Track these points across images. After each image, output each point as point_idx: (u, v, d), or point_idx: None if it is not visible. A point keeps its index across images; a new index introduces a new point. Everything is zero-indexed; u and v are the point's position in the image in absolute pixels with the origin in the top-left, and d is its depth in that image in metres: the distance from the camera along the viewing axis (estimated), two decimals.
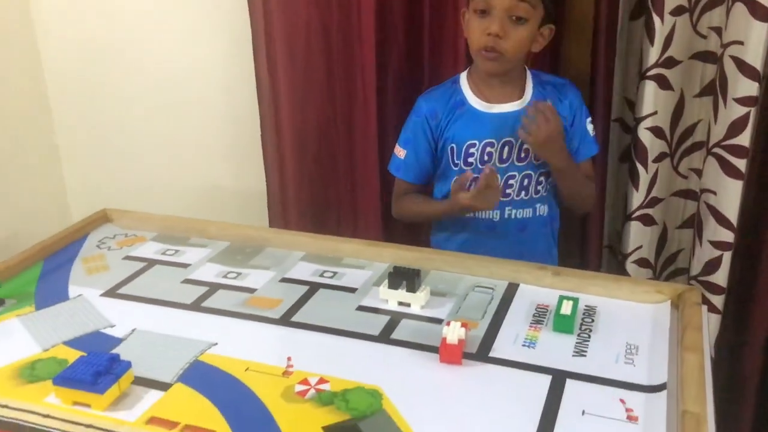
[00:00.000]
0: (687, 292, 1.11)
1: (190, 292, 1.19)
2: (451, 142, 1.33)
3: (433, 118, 1.34)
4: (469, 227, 1.37)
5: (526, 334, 1.04)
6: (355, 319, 1.10)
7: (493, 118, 1.31)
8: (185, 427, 0.86)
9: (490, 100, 1.32)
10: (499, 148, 1.31)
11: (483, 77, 1.32)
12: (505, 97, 1.32)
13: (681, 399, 0.86)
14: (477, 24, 1.24)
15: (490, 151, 1.32)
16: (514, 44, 1.24)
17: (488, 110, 1.32)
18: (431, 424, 0.85)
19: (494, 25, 1.21)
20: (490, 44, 1.23)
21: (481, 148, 1.32)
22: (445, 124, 1.33)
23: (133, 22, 1.80)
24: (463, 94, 1.33)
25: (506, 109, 1.31)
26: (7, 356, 1.01)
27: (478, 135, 1.31)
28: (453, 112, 1.33)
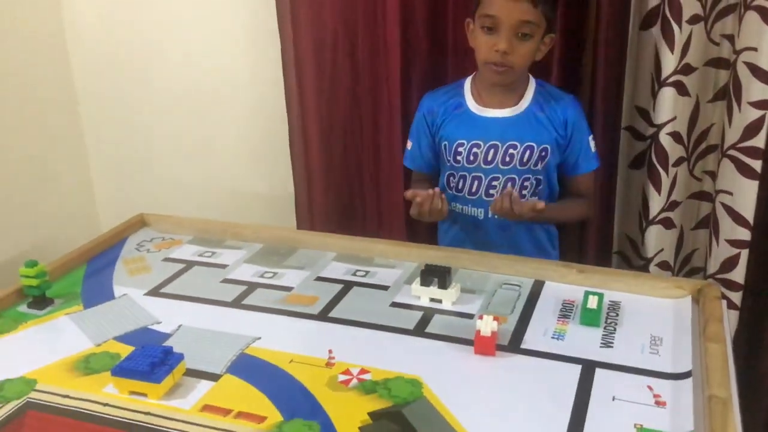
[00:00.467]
0: (706, 287, 1.16)
1: (229, 291, 1.24)
2: (444, 139, 1.41)
3: (431, 115, 1.43)
4: (459, 223, 1.45)
5: (555, 328, 1.09)
6: (390, 314, 1.15)
7: (485, 122, 1.39)
8: (238, 413, 0.91)
9: (487, 104, 1.39)
10: (485, 150, 1.38)
11: (485, 83, 1.39)
12: (502, 104, 1.38)
13: (707, 384, 0.90)
14: (485, 40, 1.30)
15: (475, 152, 1.39)
16: (521, 58, 1.30)
17: (482, 114, 1.39)
18: (471, 410, 0.90)
19: (502, 43, 1.28)
20: (499, 60, 1.29)
21: (468, 148, 1.39)
22: (441, 122, 1.41)
23: (163, 30, 1.86)
24: (463, 97, 1.41)
25: (499, 114, 1.38)
26: (62, 351, 1.07)
27: (467, 135, 1.39)
28: (450, 113, 1.41)
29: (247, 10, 1.76)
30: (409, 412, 0.91)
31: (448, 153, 1.41)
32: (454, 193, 1.43)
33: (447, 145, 1.41)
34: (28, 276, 1.19)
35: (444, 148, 1.42)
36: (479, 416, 0.89)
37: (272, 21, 1.67)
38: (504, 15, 1.26)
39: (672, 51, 1.36)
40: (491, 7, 1.27)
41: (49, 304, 1.21)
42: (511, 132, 1.37)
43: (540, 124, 1.37)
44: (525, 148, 1.37)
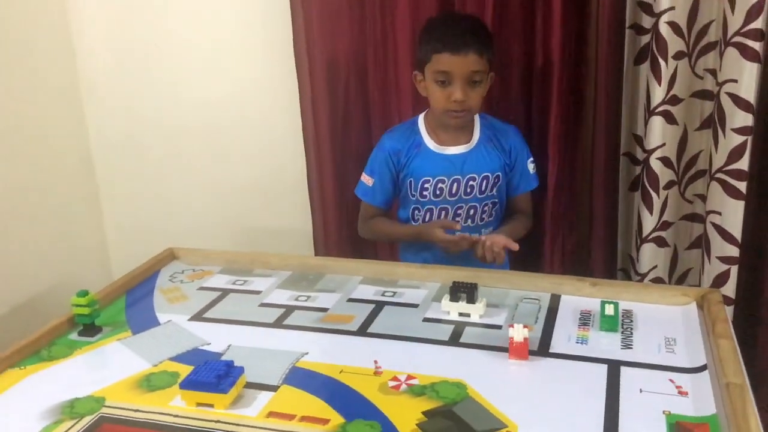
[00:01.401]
0: (709, 293, 1.28)
1: (269, 314, 1.32)
2: (410, 176, 1.55)
3: (396, 155, 1.55)
4: (430, 248, 1.56)
5: (577, 334, 1.20)
6: (424, 328, 1.24)
7: (445, 159, 1.53)
8: (302, 417, 0.99)
9: (443, 142, 1.54)
10: (449, 184, 1.52)
11: (438, 124, 1.53)
12: (456, 141, 1.54)
13: (722, 374, 1.01)
14: (439, 92, 1.45)
15: (441, 187, 1.53)
16: (475, 102, 1.47)
17: (441, 151, 1.54)
18: (514, 406, 0.99)
19: (458, 93, 1.43)
20: (458, 108, 1.45)
21: (434, 184, 1.53)
22: (405, 161, 1.55)
23: (179, 71, 1.96)
24: (420, 136, 1.55)
25: (456, 151, 1.54)
26: (122, 372, 1.13)
27: (431, 172, 1.53)
28: (412, 151, 1.54)
29: (263, 52, 1.87)
30: (459, 409, 0.99)
31: (414, 189, 1.54)
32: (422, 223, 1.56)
33: (413, 181, 1.54)
34: (79, 305, 1.26)
35: (410, 184, 1.55)
36: (523, 411, 0.98)
37: (289, 62, 1.78)
38: (456, 69, 1.42)
39: (659, 84, 1.51)
40: (443, 64, 1.42)
41: (99, 331, 1.28)
42: (469, 165, 1.53)
43: (490, 154, 1.54)
44: (482, 178, 1.53)
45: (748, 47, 1.41)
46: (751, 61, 1.41)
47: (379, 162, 1.57)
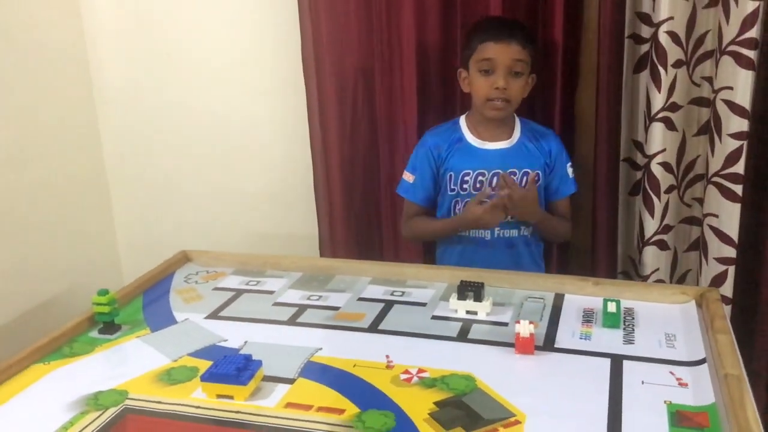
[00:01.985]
0: (708, 292, 1.33)
1: (283, 312, 1.37)
2: (450, 170, 1.59)
3: (436, 149, 1.60)
4: (464, 242, 1.61)
5: (581, 330, 1.24)
6: (432, 325, 1.29)
7: (485, 153, 1.58)
8: (319, 408, 1.03)
9: (485, 138, 1.59)
10: (490, 178, 1.57)
11: (480, 120, 1.59)
12: (497, 137, 1.59)
13: (721, 366, 1.06)
14: (482, 81, 1.52)
15: (481, 180, 1.57)
16: (516, 92, 1.52)
17: (481, 146, 1.59)
18: (522, 397, 1.03)
19: (500, 81, 1.49)
20: (499, 96, 1.50)
21: (474, 177, 1.57)
22: (446, 156, 1.59)
23: (190, 76, 2.01)
24: (461, 132, 1.61)
25: (496, 147, 1.59)
26: (142, 367, 1.18)
27: (472, 166, 1.58)
28: (453, 146, 1.59)
29: (272, 63, 1.92)
30: (469, 399, 1.04)
31: (454, 182, 1.59)
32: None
33: (453, 175, 1.59)
34: (100, 303, 1.30)
35: (449, 179, 1.59)
36: (530, 401, 1.02)
37: (297, 72, 1.83)
38: (499, 56, 1.48)
39: (659, 91, 1.56)
40: (487, 52, 1.49)
41: (118, 329, 1.33)
42: (510, 161, 1.57)
43: (531, 152, 1.59)
44: (522, 173, 1.58)
45: (742, 55, 1.46)
46: (746, 69, 1.46)
47: (420, 158, 1.62)
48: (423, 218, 1.66)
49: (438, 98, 1.76)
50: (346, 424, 0.99)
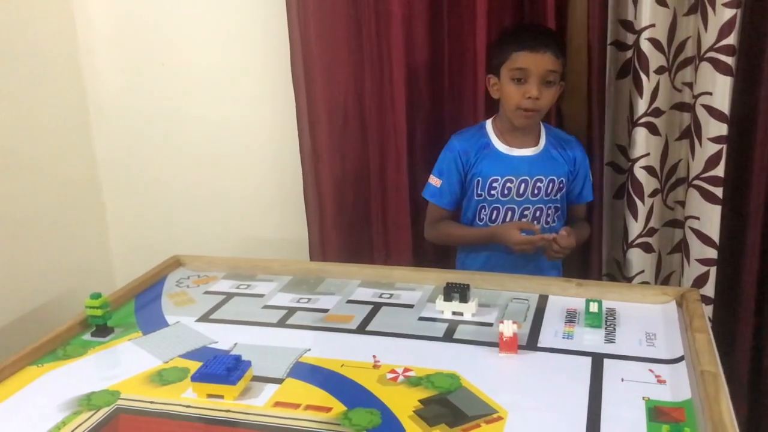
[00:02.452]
0: (688, 292, 1.36)
1: (272, 315, 1.39)
2: (477, 176, 1.60)
3: (464, 154, 1.61)
4: (491, 248, 1.62)
5: (564, 330, 1.27)
6: (419, 326, 1.32)
7: (513, 160, 1.59)
8: (307, 406, 1.06)
9: (512, 145, 1.60)
10: (517, 184, 1.59)
11: (508, 127, 1.60)
12: (524, 144, 1.60)
13: (698, 363, 1.09)
14: (515, 89, 1.52)
15: (509, 186, 1.59)
16: (547, 102, 1.54)
17: (509, 153, 1.60)
18: (505, 395, 1.06)
19: (534, 90, 1.50)
20: (531, 105, 1.52)
21: (502, 183, 1.59)
22: (474, 161, 1.60)
23: (183, 84, 2.04)
24: (489, 138, 1.62)
25: (524, 153, 1.60)
26: (134, 368, 1.20)
27: (500, 172, 1.59)
28: (481, 152, 1.60)
29: (262, 71, 1.95)
30: (454, 397, 1.07)
31: (481, 188, 1.60)
32: (487, 223, 1.62)
33: (480, 181, 1.60)
34: (93, 307, 1.33)
35: (477, 184, 1.61)
36: (512, 398, 1.05)
37: (287, 81, 1.86)
38: (533, 66, 1.49)
39: (642, 96, 1.59)
40: (521, 62, 1.50)
41: (110, 332, 1.35)
42: (537, 168, 1.59)
43: (555, 160, 1.61)
44: (549, 181, 1.59)
45: (720, 62, 1.50)
46: (724, 75, 1.50)
47: (448, 162, 1.63)
48: (451, 223, 1.67)
49: (426, 105, 1.79)
50: (333, 422, 1.02)
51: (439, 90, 1.78)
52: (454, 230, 1.66)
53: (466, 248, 1.69)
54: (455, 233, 1.66)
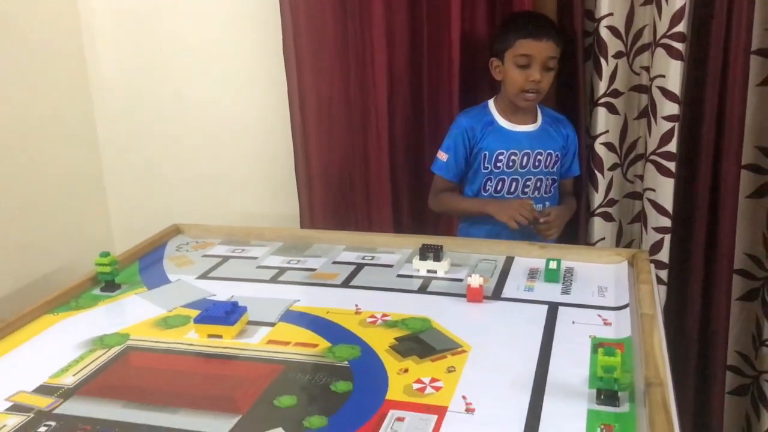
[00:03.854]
0: (638, 253, 1.51)
1: (265, 273, 1.54)
2: (484, 150, 1.74)
3: (471, 130, 1.75)
4: (493, 221, 1.71)
5: (525, 284, 1.43)
6: (397, 282, 1.47)
7: (516, 135, 1.74)
8: (296, 343, 1.21)
9: (514, 122, 1.74)
10: (521, 157, 1.73)
11: (509, 106, 1.74)
12: (524, 121, 1.75)
13: (639, 308, 1.24)
14: (519, 73, 1.66)
15: (513, 159, 1.73)
16: (547, 85, 1.68)
17: (512, 129, 1.74)
18: (471, 335, 1.21)
19: (536, 75, 1.65)
20: (534, 88, 1.66)
21: (507, 156, 1.73)
22: (480, 137, 1.74)
23: (180, 64, 2.17)
24: (492, 116, 1.76)
25: (525, 129, 1.75)
26: (141, 316, 1.35)
27: (505, 146, 1.73)
28: (486, 129, 1.74)
29: (255, 52, 2.09)
30: (425, 336, 1.22)
31: (488, 161, 1.74)
32: (492, 194, 1.75)
33: (487, 154, 1.73)
34: (102, 264, 1.47)
35: (483, 158, 1.74)
36: (476, 337, 1.20)
37: (280, 65, 2.00)
38: (536, 53, 1.64)
39: (601, 79, 1.75)
40: (526, 48, 1.64)
41: (118, 288, 1.49)
42: (537, 142, 1.74)
43: (552, 136, 1.76)
44: (547, 154, 1.74)
45: (673, 48, 1.65)
46: (676, 60, 1.66)
47: (455, 138, 1.76)
48: (452, 194, 1.81)
49: (405, 87, 1.93)
50: (318, 355, 1.17)
51: (418, 74, 1.92)
52: (456, 200, 1.80)
53: (468, 221, 1.82)
54: (457, 204, 1.80)
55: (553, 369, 1.10)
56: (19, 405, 1.05)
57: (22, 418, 1.01)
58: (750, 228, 1.80)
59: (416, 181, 1.97)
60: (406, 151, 1.95)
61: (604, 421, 0.95)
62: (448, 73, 1.86)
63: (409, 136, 1.95)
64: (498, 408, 1.00)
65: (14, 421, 1.01)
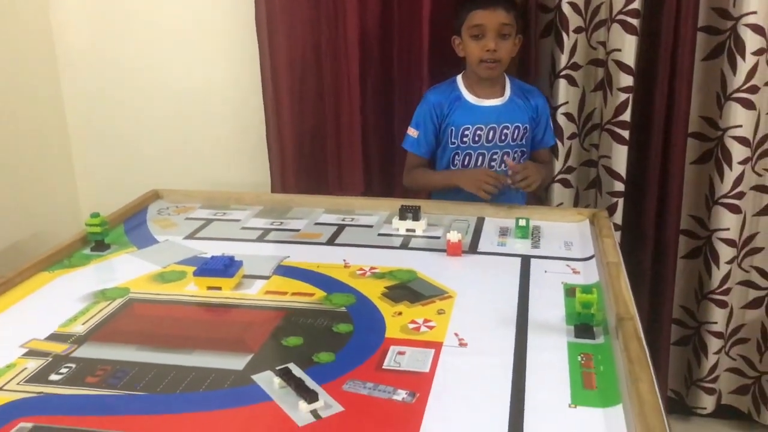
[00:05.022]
0: (598, 212, 1.65)
1: (251, 234, 1.61)
2: (451, 125, 1.80)
3: (438, 107, 1.80)
4: (464, 192, 1.77)
5: (498, 240, 1.54)
6: (379, 240, 1.56)
7: (482, 110, 1.80)
8: (293, 293, 1.29)
9: (480, 96, 1.80)
10: (486, 132, 1.80)
11: (475, 80, 1.80)
12: (491, 95, 1.81)
13: (604, 256, 1.37)
14: (475, 45, 1.73)
15: (479, 134, 1.80)
16: (505, 53, 1.73)
17: (479, 104, 1.80)
18: (454, 282, 1.32)
19: (490, 43, 1.71)
20: (490, 57, 1.72)
21: (473, 131, 1.80)
22: (447, 112, 1.80)
23: (151, 35, 2.19)
24: (460, 91, 1.81)
25: (491, 103, 1.80)
26: (138, 272, 1.40)
27: (471, 121, 1.79)
28: (453, 104, 1.80)
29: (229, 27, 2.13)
30: (413, 285, 1.32)
31: (455, 136, 1.80)
32: (461, 168, 1.81)
33: (453, 130, 1.79)
34: (93, 224, 1.51)
35: (450, 133, 1.80)
36: (460, 285, 1.31)
37: (252, 37, 2.05)
38: (488, 22, 1.69)
39: (562, 52, 1.87)
40: (477, 19, 1.70)
41: (108, 248, 1.53)
42: (503, 116, 1.79)
43: (520, 108, 1.81)
44: (514, 128, 1.79)
45: (628, 23, 1.79)
46: (631, 35, 1.79)
47: (423, 115, 1.81)
48: (424, 169, 1.85)
49: (377, 57, 2.01)
50: (317, 302, 1.25)
51: (389, 43, 1.99)
52: (426, 176, 1.85)
53: (441, 192, 1.88)
54: (428, 179, 1.85)
55: (532, 310, 1.21)
56: (35, 351, 1.11)
57: (42, 362, 1.07)
58: (694, 191, 1.96)
59: (387, 148, 2.06)
60: (377, 118, 2.03)
61: (583, 351, 1.07)
62: (419, 42, 1.94)
63: (381, 104, 2.03)
64: (488, 342, 1.11)
65: (34, 364, 1.06)
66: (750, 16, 1.73)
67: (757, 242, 1.97)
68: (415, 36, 1.96)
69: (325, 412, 0.93)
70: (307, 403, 0.93)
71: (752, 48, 1.75)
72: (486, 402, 0.95)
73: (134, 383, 1.00)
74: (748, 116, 1.81)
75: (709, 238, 1.95)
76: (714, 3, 1.81)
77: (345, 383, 0.99)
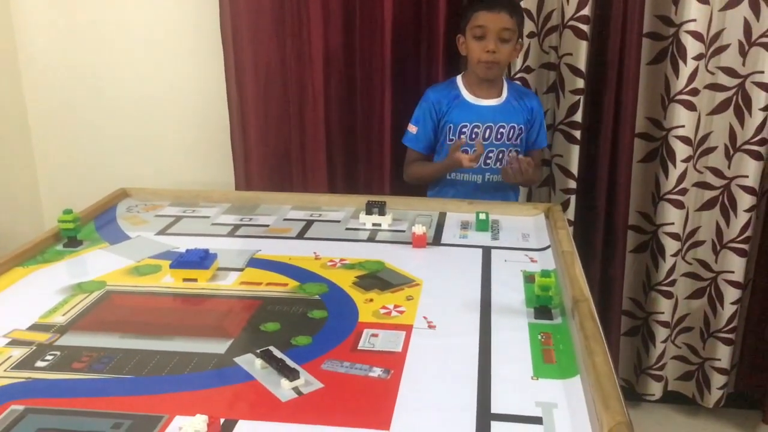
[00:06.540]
0: (553, 206, 1.74)
1: (221, 229, 1.66)
2: (449, 123, 1.87)
3: (438, 104, 1.87)
4: (458, 185, 1.89)
5: (460, 233, 1.62)
6: (347, 234, 1.63)
7: (480, 109, 1.87)
8: (268, 283, 1.34)
9: (478, 96, 1.87)
10: (483, 130, 1.87)
11: (475, 80, 1.86)
12: (489, 95, 1.87)
13: (559, 246, 1.47)
14: (476, 45, 1.79)
15: (476, 131, 1.87)
16: (504, 56, 1.80)
17: (477, 103, 1.87)
18: (419, 272, 1.39)
19: (490, 44, 1.77)
20: (489, 58, 1.79)
21: (470, 129, 1.86)
22: (446, 110, 1.87)
23: (114, 34, 2.21)
24: (459, 90, 1.88)
25: (489, 103, 1.87)
26: (112, 266, 1.43)
27: (468, 119, 1.86)
28: (452, 102, 1.86)
29: (192, 26, 2.17)
30: (381, 274, 1.39)
31: (452, 133, 1.86)
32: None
33: (452, 127, 1.86)
34: (66, 221, 1.54)
35: (448, 130, 1.86)
36: (426, 274, 1.38)
37: (216, 36, 2.09)
38: (490, 24, 1.76)
39: (517, 57, 1.97)
40: (480, 20, 1.76)
41: (80, 244, 1.56)
42: (500, 116, 1.86)
43: (516, 110, 1.87)
44: (510, 127, 1.86)
45: (579, 29, 1.89)
46: (581, 39, 1.90)
47: (423, 112, 1.87)
48: (421, 163, 1.91)
49: (341, 61, 2.08)
50: (291, 292, 1.31)
51: (352, 45, 2.06)
52: (423, 168, 1.91)
53: (435, 186, 1.95)
54: (424, 171, 1.91)
55: (494, 295, 1.29)
56: (18, 340, 1.14)
57: (26, 350, 1.10)
58: (641, 189, 2.08)
59: (351, 149, 2.12)
60: (341, 119, 2.10)
61: (542, 330, 1.16)
62: (381, 44, 2.01)
63: (346, 105, 2.09)
64: (455, 324, 1.18)
65: (18, 352, 1.09)
66: (690, 23, 1.85)
67: (699, 236, 2.10)
68: (377, 39, 2.03)
69: (306, 388, 0.99)
70: (289, 381, 0.99)
71: (693, 53, 1.88)
72: (456, 376, 1.02)
73: (120, 368, 1.05)
74: (689, 117, 1.93)
75: (656, 232, 2.07)
76: (657, 10, 1.93)
77: (323, 363, 1.05)
